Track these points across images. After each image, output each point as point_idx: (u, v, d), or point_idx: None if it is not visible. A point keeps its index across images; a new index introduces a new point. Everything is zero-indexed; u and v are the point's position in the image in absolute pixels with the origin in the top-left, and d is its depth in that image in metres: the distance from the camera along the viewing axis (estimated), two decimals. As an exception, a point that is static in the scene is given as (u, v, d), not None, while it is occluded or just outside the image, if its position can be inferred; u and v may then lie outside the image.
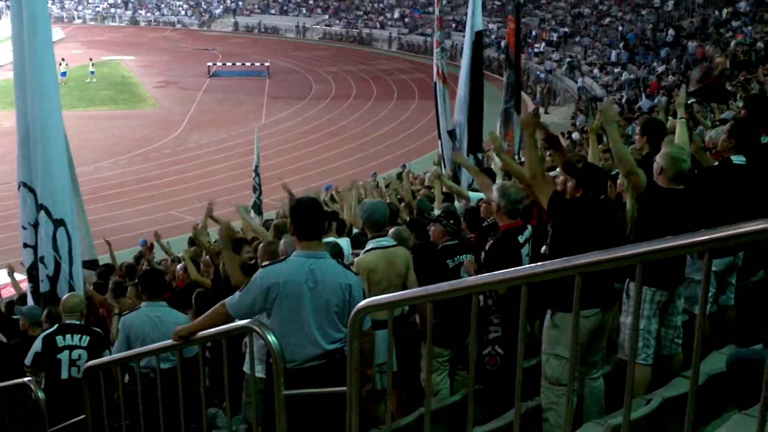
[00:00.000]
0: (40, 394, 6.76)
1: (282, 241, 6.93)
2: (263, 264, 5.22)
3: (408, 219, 9.44)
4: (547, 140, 6.38)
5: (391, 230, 6.96)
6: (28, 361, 7.33)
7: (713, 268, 6.04)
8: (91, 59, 52.73)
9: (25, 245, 9.07)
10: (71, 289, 8.80)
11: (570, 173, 5.55)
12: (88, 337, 7.33)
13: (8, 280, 12.16)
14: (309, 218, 4.93)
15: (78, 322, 7.45)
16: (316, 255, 4.89)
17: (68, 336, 7.28)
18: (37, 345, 7.32)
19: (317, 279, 4.80)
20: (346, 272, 5.01)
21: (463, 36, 17.64)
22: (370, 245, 6.57)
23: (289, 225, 5.13)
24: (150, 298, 6.97)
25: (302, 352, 4.78)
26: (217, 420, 7.10)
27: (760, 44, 32.31)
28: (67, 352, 7.23)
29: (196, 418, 5.64)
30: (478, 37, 15.79)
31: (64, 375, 7.17)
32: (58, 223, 8.70)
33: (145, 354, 5.99)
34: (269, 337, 4.51)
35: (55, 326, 7.45)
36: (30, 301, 9.36)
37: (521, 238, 6.08)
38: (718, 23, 40.11)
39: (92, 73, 51.44)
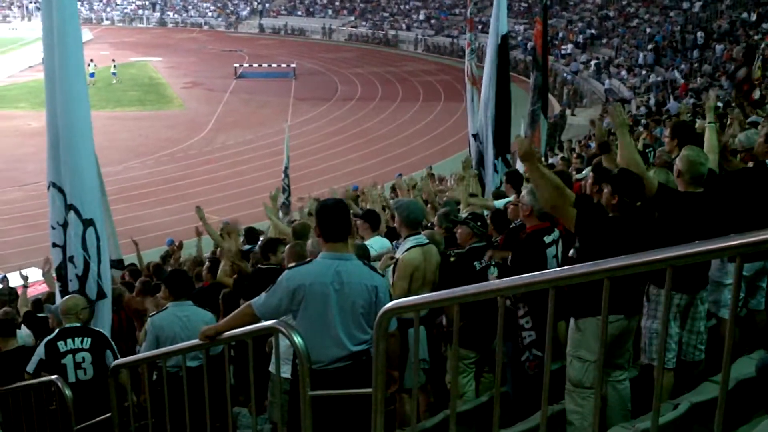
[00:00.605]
0: (68, 392, 6.78)
1: (309, 242, 6.95)
2: (289, 266, 5.22)
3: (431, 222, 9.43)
4: (600, 146, 6.35)
5: (425, 232, 6.97)
6: (30, 368, 7.24)
7: (743, 273, 5.98)
8: (113, 60, 52.88)
9: (54, 245, 9.11)
10: (100, 289, 8.84)
11: (605, 179, 5.51)
12: (90, 339, 7.28)
13: (28, 279, 12.27)
14: (334, 220, 4.93)
15: (78, 325, 7.38)
16: (342, 257, 4.89)
17: (69, 340, 7.22)
18: (40, 352, 7.25)
19: (343, 281, 4.80)
20: (372, 273, 5.00)
21: (488, 37, 17.50)
22: (410, 243, 6.57)
23: (315, 227, 5.13)
24: (177, 298, 7.00)
25: (327, 353, 4.79)
26: (241, 419, 7.12)
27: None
28: (70, 356, 7.16)
29: (221, 416, 5.66)
30: (504, 40, 15.68)
31: (72, 378, 7.11)
32: (88, 223, 8.73)
33: (172, 353, 6.02)
34: (295, 338, 4.52)
35: (56, 332, 7.39)
36: (58, 300, 9.42)
37: (548, 239, 6.07)
38: (747, 25, 39.71)
39: (114, 74, 51.47)
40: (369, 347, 4.85)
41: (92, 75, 47.02)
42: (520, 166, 10.55)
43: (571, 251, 5.86)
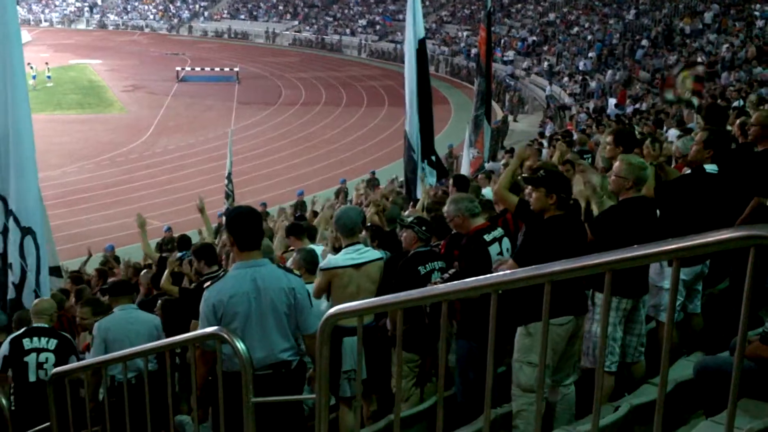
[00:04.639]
0: (3, 401, 6.65)
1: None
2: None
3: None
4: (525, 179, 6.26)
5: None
6: None
7: (683, 277, 6.12)
8: (47, 64, 51.34)
9: (-7, 253, 8.90)
10: (37, 298, 8.67)
11: (535, 184, 5.51)
12: (56, 341, 7.25)
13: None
14: (247, 229, 4.92)
15: (47, 326, 7.35)
16: (256, 263, 4.90)
17: (35, 339, 7.20)
18: (4, 348, 7.21)
19: (259, 287, 4.81)
20: (287, 276, 5.02)
21: (433, 43, 17.47)
22: (340, 254, 6.55)
23: (228, 237, 5.09)
24: (119, 301, 6.92)
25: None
26: (185, 427, 7.02)
27: (726, 55, 32.66)
28: (34, 354, 7.14)
29: (165, 425, 5.58)
30: (422, 45, 15.65)
31: (32, 378, 7.07)
32: (26, 231, 8.56)
33: (116, 360, 5.91)
34: (237, 344, 4.47)
35: (23, 329, 7.36)
36: (-6, 308, 9.23)
37: (488, 237, 6.04)
38: (684, 33, 40.55)
39: (48, 78, 50.12)
40: (291, 359, 4.89)
41: (33, 78, 46.08)
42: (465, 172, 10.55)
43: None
